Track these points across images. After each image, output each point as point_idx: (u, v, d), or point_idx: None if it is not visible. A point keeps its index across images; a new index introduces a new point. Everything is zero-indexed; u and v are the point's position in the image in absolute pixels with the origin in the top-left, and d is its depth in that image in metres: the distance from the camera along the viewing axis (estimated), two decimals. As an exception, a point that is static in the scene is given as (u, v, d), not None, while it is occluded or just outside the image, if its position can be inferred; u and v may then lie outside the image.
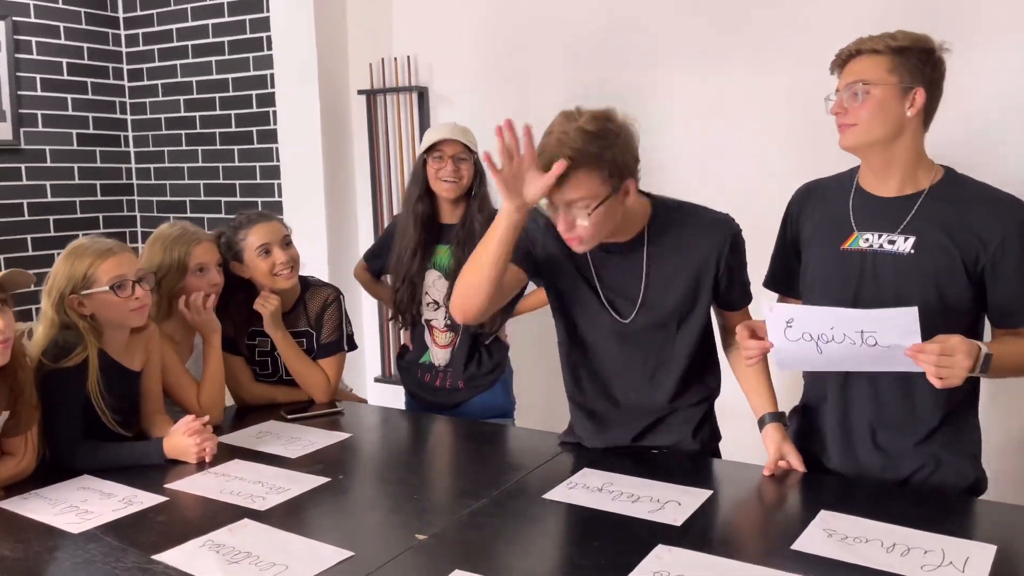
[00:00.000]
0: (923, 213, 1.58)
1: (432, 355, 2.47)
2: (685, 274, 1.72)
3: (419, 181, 2.39)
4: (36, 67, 3.89)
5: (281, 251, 2.23)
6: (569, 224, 1.58)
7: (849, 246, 1.64)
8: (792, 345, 1.51)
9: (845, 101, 1.58)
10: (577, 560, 1.36)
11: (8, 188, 3.81)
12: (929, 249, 1.57)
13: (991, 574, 1.26)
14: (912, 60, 1.55)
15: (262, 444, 1.97)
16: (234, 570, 1.33)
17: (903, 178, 1.61)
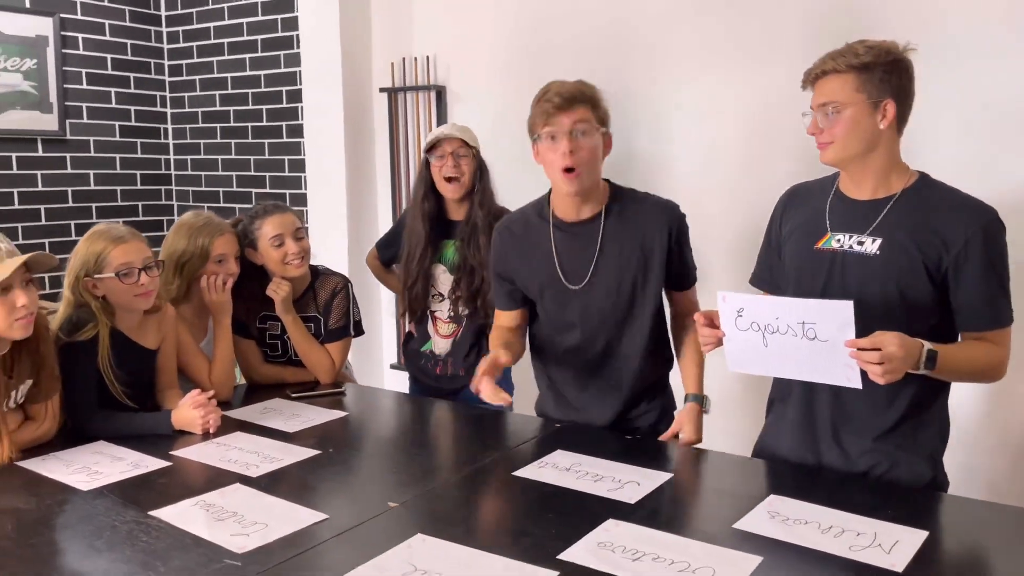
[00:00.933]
0: (892, 216, 1.65)
1: (434, 344, 2.60)
2: (636, 251, 1.92)
3: (424, 181, 2.52)
4: (82, 62, 4.11)
5: (293, 242, 2.37)
6: (575, 146, 1.84)
7: (822, 245, 1.72)
8: (742, 336, 1.61)
9: (820, 121, 1.66)
10: (531, 529, 1.47)
11: (54, 176, 4.04)
12: (893, 250, 1.63)
13: (915, 557, 1.33)
14: (877, 74, 1.61)
15: (265, 419, 2.11)
16: (218, 527, 1.47)
17: (877, 183, 1.68)
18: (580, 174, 1.85)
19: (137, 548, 1.41)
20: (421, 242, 2.52)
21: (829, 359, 1.54)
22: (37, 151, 3.98)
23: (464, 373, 2.55)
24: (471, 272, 2.47)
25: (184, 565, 1.33)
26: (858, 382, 1.54)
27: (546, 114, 1.85)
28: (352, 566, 1.32)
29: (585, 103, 1.86)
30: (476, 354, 2.55)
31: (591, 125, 1.86)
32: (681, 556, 1.35)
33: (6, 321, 1.74)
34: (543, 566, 1.31)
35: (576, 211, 1.96)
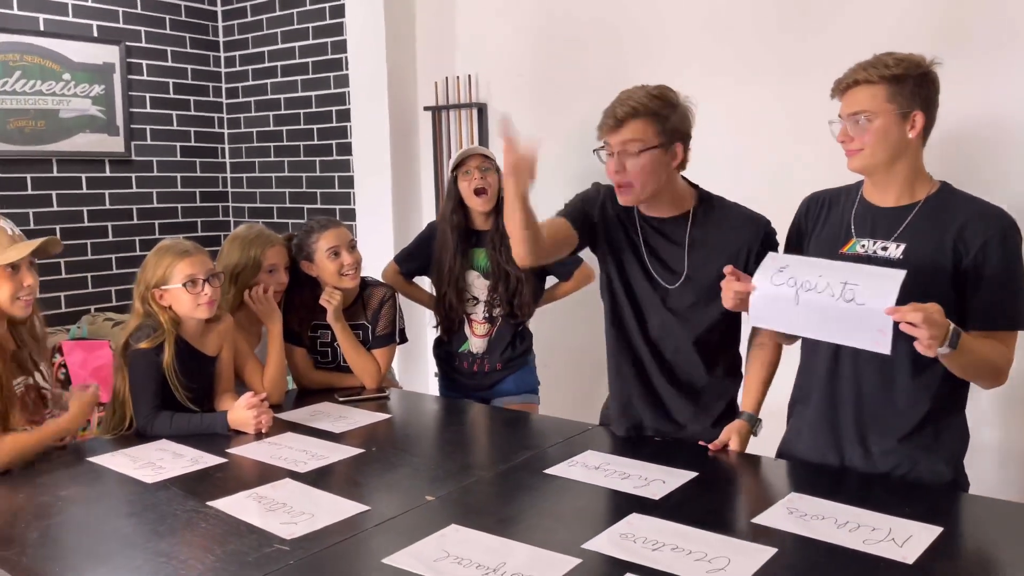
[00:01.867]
0: (915, 223, 1.71)
1: (471, 344, 2.74)
2: (722, 257, 1.88)
3: (453, 196, 2.68)
4: (146, 87, 4.35)
5: (348, 254, 2.51)
6: (619, 166, 1.85)
7: (847, 251, 1.76)
8: (773, 290, 1.63)
9: (850, 130, 1.70)
10: (557, 522, 1.56)
11: (121, 195, 4.28)
12: (917, 256, 1.67)
13: (927, 551, 1.39)
14: (908, 86, 1.67)
15: (314, 421, 2.24)
16: (269, 516, 1.60)
17: (901, 191, 1.74)
18: (631, 190, 1.89)
19: (196, 533, 1.54)
20: (451, 252, 2.68)
21: (861, 322, 1.53)
22: (105, 172, 4.22)
23: (500, 367, 2.71)
24: (507, 275, 2.63)
25: (238, 549, 1.46)
26: (887, 348, 1.52)
27: (600, 130, 1.90)
28: (390, 552, 1.42)
29: (641, 118, 1.84)
30: (512, 349, 2.72)
31: (643, 144, 1.84)
32: (699, 547, 1.42)
33: (10, 298, 1.93)
34: (567, 554, 1.40)
35: (657, 211, 1.98)
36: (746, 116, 2.95)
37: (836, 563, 1.37)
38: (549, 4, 3.37)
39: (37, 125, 3.95)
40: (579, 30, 3.30)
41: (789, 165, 2.85)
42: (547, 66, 3.40)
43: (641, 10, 3.14)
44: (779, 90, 2.87)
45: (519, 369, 2.74)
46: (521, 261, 1.93)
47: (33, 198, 3.96)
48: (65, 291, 4.09)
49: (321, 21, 4.18)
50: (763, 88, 2.91)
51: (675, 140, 1.88)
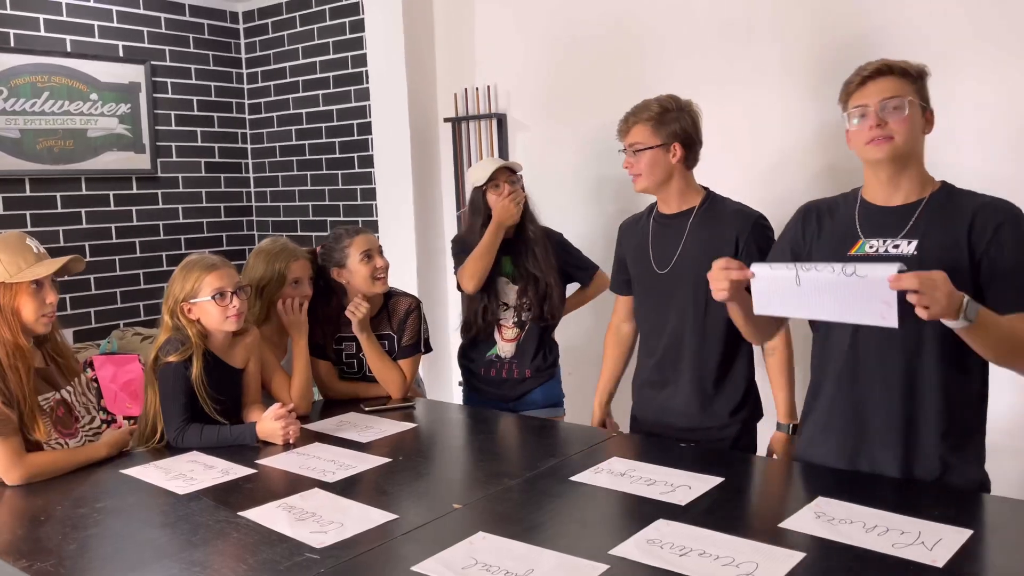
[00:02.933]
0: (926, 217, 1.71)
1: (499, 348, 2.74)
2: (717, 245, 2.07)
3: (481, 211, 2.69)
4: (171, 104, 4.43)
5: (379, 258, 2.55)
6: (629, 164, 2.20)
7: (856, 252, 1.75)
8: (772, 274, 1.60)
9: (880, 115, 1.68)
10: (584, 528, 1.57)
11: (147, 211, 4.35)
12: (932, 249, 1.67)
13: (957, 554, 1.38)
14: (925, 85, 1.72)
15: (341, 431, 2.27)
16: (299, 525, 1.62)
17: (911, 188, 1.74)
18: (640, 180, 2.20)
19: (229, 543, 1.57)
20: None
21: (866, 296, 1.49)
22: (132, 189, 4.30)
23: (530, 375, 2.72)
24: (535, 279, 2.67)
25: (270, 558, 1.48)
26: (894, 321, 1.47)
27: (618, 133, 2.23)
28: (419, 560, 1.44)
29: (642, 122, 2.17)
30: (542, 356, 2.73)
31: (643, 144, 2.16)
32: (726, 552, 1.42)
33: (35, 315, 1.98)
34: (594, 560, 1.41)
35: (672, 205, 2.24)
36: (764, 121, 2.95)
37: (865, 567, 1.36)
38: (567, 14, 3.40)
39: (66, 144, 4.03)
40: (597, 40, 3.32)
41: (813, 169, 2.85)
42: (565, 76, 3.42)
43: (658, 19, 3.15)
44: (797, 94, 2.87)
45: (547, 380, 2.75)
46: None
47: (63, 216, 4.04)
48: (95, 307, 4.16)
49: (341, 36, 4.24)
50: (781, 94, 2.91)
51: (674, 140, 2.16)
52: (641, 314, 2.30)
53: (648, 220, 2.29)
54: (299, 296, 2.49)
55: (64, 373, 2.14)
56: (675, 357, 2.19)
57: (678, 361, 2.18)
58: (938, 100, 1.77)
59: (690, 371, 2.17)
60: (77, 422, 2.12)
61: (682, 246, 2.18)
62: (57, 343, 2.14)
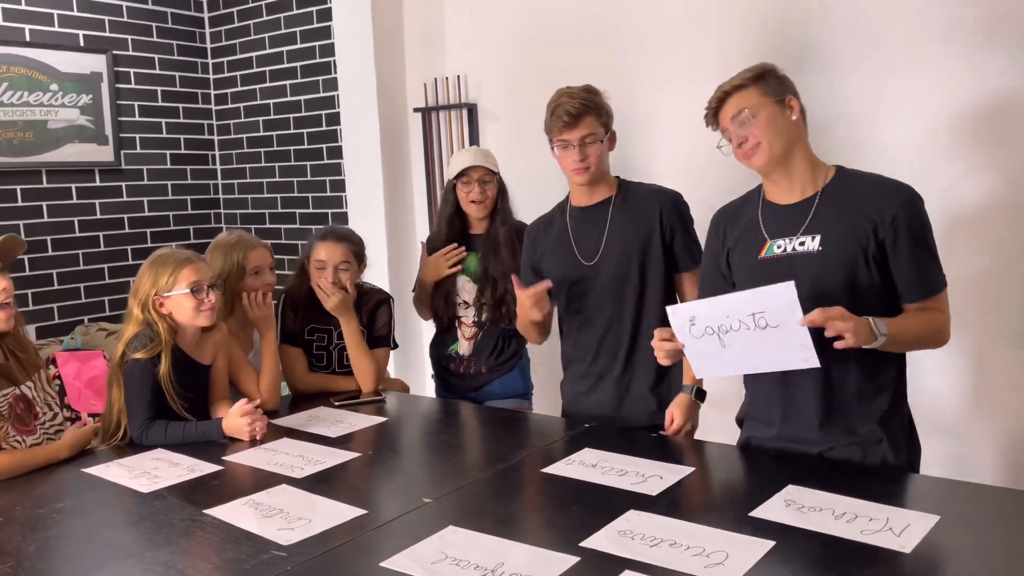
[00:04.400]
0: (822, 211, 1.75)
1: (459, 346, 2.74)
2: (639, 229, 2.16)
3: (450, 203, 2.69)
4: (134, 95, 4.34)
5: (332, 272, 2.50)
6: (583, 156, 2.12)
7: (765, 254, 1.80)
8: (699, 343, 1.71)
9: (742, 131, 1.75)
10: (555, 520, 1.56)
11: (111, 205, 4.27)
12: (834, 242, 1.72)
13: (924, 539, 1.39)
14: (770, 80, 1.78)
15: (310, 426, 2.24)
16: (266, 523, 1.59)
17: (803, 183, 1.78)
18: (589, 171, 2.15)
19: (194, 541, 1.53)
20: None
21: (784, 344, 1.62)
22: (95, 181, 4.21)
23: (485, 371, 2.71)
24: (494, 282, 2.63)
25: (236, 556, 1.45)
26: (815, 361, 1.61)
27: (558, 129, 2.13)
28: (388, 555, 1.42)
29: (590, 114, 2.12)
30: (497, 353, 2.71)
31: (596, 135, 2.13)
32: (697, 542, 1.42)
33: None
34: (565, 552, 1.40)
35: (588, 197, 2.23)
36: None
37: (834, 554, 1.37)
38: (537, 3, 3.37)
39: (25, 136, 3.93)
40: (568, 29, 3.30)
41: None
42: (536, 65, 3.40)
43: (630, 9, 3.14)
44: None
45: (505, 374, 2.73)
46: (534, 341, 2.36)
47: (23, 209, 3.95)
48: (58, 302, 4.08)
49: (308, 25, 4.17)
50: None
51: (610, 127, 2.18)
52: (570, 308, 2.26)
53: (562, 217, 2.27)
54: (261, 286, 2.45)
55: (25, 368, 2.09)
56: (613, 348, 2.19)
57: (616, 351, 2.19)
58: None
59: (626, 360, 2.18)
60: (36, 419, 2.07)
61: (607, 235, 2.18)
62: (18, 337, 2.09)
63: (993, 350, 2.53)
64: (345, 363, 2.60)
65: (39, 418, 2.07)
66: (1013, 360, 2.50)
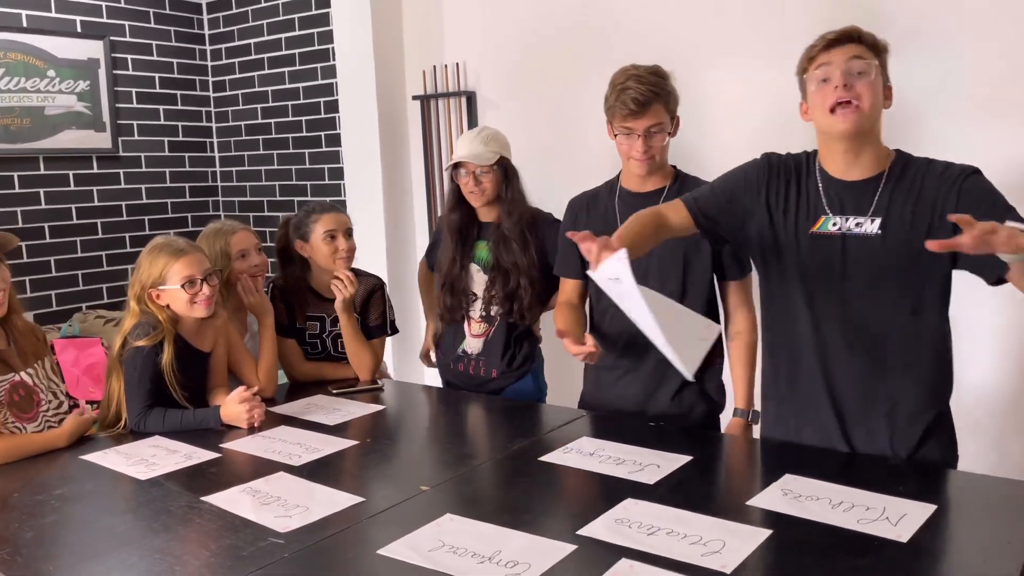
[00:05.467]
0: (886, 194, 1.67)
1: (466, 344, 2.61)
2: None
3: (452, 192, 2.56)
4: (131, 82, 4.32)
5: (344, 240, 2.50)
6: (647, 147, 2.01)
7: (818, 229, 1.72)
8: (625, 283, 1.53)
9: (850, 78, 1.60)
10: (553, 509, 1.56)
11: (109, 192, 4.26)
12: (895, 228, 1.65)
13: (921, 529, 1.39)
14: (885, 59, 1.68)
15: (307, 414, 2.24)
16: (264, 510, 1.59)
17: (869, 161, 1.69)
18: (653, 160, 2.05)
19: (191, 528, 1.54)
20: (450, 252, 2.55)
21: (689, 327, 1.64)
22: (92, 168, 4.19)
23: (496, 376, 2.53)
24: (505, 273, 2.48)
25: (233, 543, 1.46)
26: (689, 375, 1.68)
27: (623, 115, 2.00)
28: (385, 543, 1.42)
29: (659, 102, 1.99)
30: (511, 357, 2.53)
31: (663, 126, 2.02)
32: (694, 531, 1.42)
33: None
34: (562, 540, 1.40)
35: (641, 184, 2.11)
36: (735, 100, 2.94)
37: (831, 543, 1.37)
38: (536, -11, 3.35)
39: (23, 123, 3.92)
40: (567, 16, 3.28)
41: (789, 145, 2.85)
42: (535, 53, 3.38)
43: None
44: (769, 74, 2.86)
45: (516, 380, 2.55)
46: None
47: (21, 196, 3.94)
48: (56, 289, 4.07)
49: (307, 11, 4.15)
50: (754, 72, 2.89)
51: (675, 115, 2.06)
52: (605, 296, 2.16)
53: (611, 198, 2.15)
54: (249, 269, 2.45)
55: (26, 355, 2.08)
56: (646, 342, 2.10)
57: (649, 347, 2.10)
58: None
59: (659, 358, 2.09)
60: (39, 406, 2.07)
61: None
62: (18, 324, 2.08)
63: None
64: (340, 350, 2.59)
65: (41, 405, 2.07)
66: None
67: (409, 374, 3.68)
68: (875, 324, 1.70)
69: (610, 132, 2.09)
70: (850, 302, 1.71)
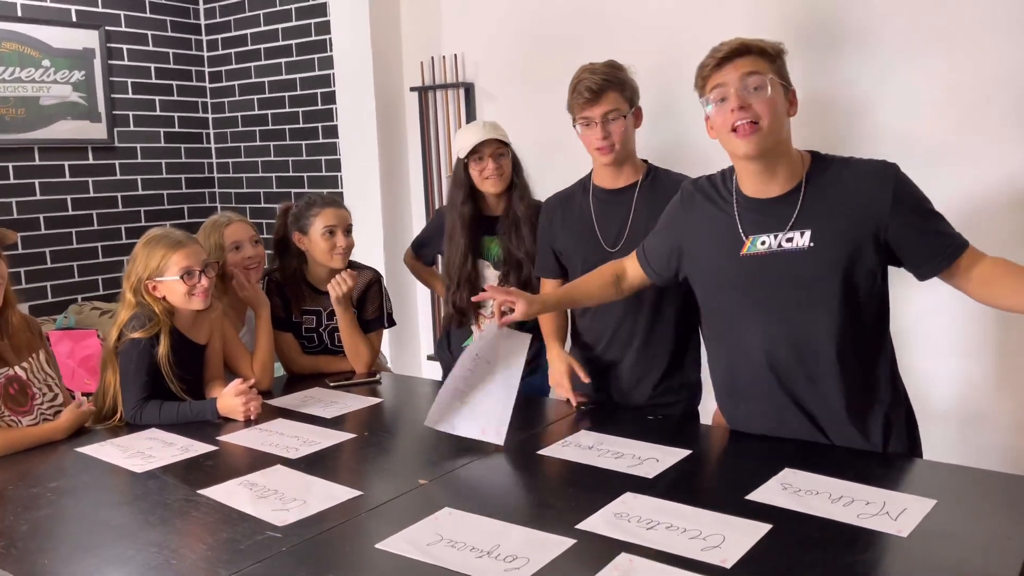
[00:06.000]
0: (809, 204, 1.63)
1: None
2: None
3: (463, 184, 2.48)
4: (127, 72, 4.29)
5: (343, 236, 2.48)
6: (605, 133, 2.02)
7: (747, 251, 1.69)
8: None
9: (746, 96, 1.57)
10: (551, 503, 1.55)
11: (104, 183, 4.23)
12: (827, 237, 1.61)
13: (921, 524, 1.38)
14: (783, 64, 1.65)
15: (305, 407, 2.23)
16: (261, 503, 1.58)
17: (786, 175, 1.65)
18: (613, 149, 2.05)
19: (188, 521, 1.53)
20: (461, 248, 2.50)
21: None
22: (88, 159, 4.17)
23: None
24: (518, 264, 2.47)
25: (230, 537, 1.45)
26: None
27: (580, 106, 2.04)
28: (383, 537, 1.41)
29: (613, 89, 2.02)
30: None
31: (618, 111, 2.03)
32: (693, 525, 1.42)
33: None
34: (561, 535, 1.39)
35: (613, 180, 2.14)
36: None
37: (831, 538, 1.36)
38: (534, -20, 3.33)
39: (17, 113, 3.89)
40: (568, 4, 3.26)
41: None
42: (534, 44, 3.36)
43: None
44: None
45: (530, 375, 2.44)
46: None
47: (16, 187, 3.92)
48: (51, 280, 4.06)
49: (304, 2, 4.13)
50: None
51: (635, 103, 2.09)
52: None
53: (585, 197, 2.17)
54: (243, 261, 2.44)
55: (20, 349, 2.07)
56: (627, 338, 2.13)
57: (630, 341, 2.13)
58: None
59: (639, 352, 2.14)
60: (33, 399, 2.05)
61: (631, 221, 2.09)
62: (12, 318, 2.07)
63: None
64: (337, 343, 2.58)
65: (35, 399, 2.06)
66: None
67: (407, 367, 3.67)
68: (817, 334, 1.68)
69: (576, 133, 2.10)
70: (790, 316, 1.69)
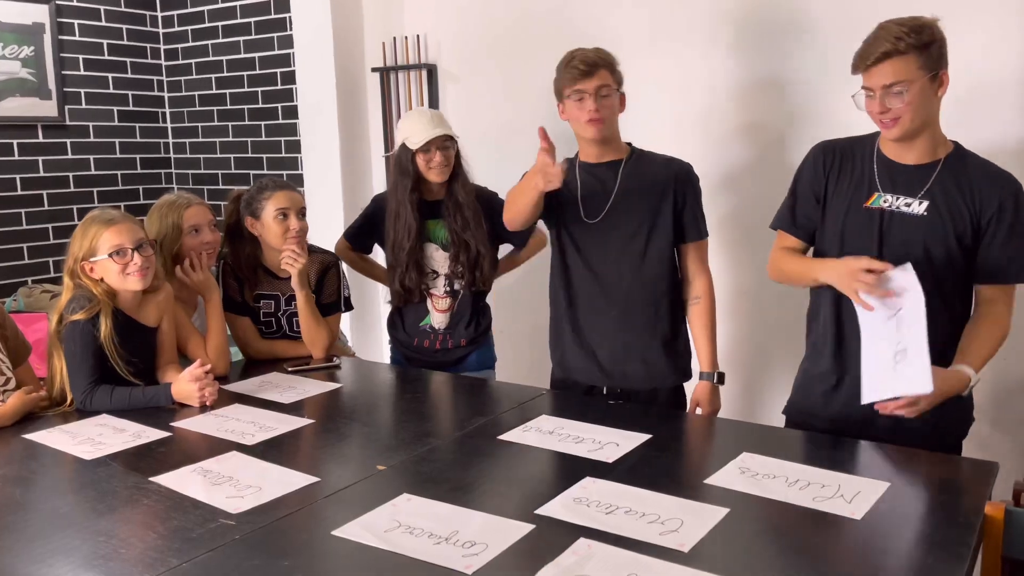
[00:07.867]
0: (938, 181, 1.79)
1: (432, 319, 2.59)
2: (648, 195, 2.16)
3: (411, 174, 2.47)
4: (79, 48, 4.16)
5: (296, 219, 2.44)
6: (596, 108, 2.10)
7: (871, 204, 1.84)
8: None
9: (886, 101, 1.73)
10: (510, 488, 1.54)
11: (55, 162, 4.10)
12: (939, 213, 1.78)
13: (874, 506, 1.40)
14: (935, 50, 1.73)
15: (262, 392, 2.19)
16: (215, 490, 1.55)
17: (925, 150, 1.81)
18: (603, 123, 2.12)
19: (138, 510, 1.49)
20: (410, 231, 2.50)
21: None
22: (37, 137, 4.04)
23: (465, 344, 2.58)
24: (466, 244, 2.50)
25: (182, 525, 1.41)
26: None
27: (573, 79, 2.10)
28: (340, 523, 1.39)
29: (605, 67, 2.11)
30: (475, 325, 2.58)
31: (611, 88, 2.12)
32: (652, 509, 1.42)
33: None
34: (520, 520, 1.38)
35: (597, 155, 2.20)
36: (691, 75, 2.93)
37: (787, 521, 1.38)
38: (498, -39, 3.29)
39: (-38, 89, 3.75)
40: (529, -12, 3.23)
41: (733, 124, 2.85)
42: (497, 26, 3.33)
43: (592, -32, 3.08)
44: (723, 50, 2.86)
45: (482, 345, 2.63)
46: (512, 226, 2.24)
47: (-39, 166, 3.78)
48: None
49: (263, -21, 4.03)
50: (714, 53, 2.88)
51: (620, 87, 2.15)
52: (563, 259, 2.24)
53: (572, 172, 2.20)
54: (199, 246, 2.38)
55: None
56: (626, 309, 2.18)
57: (630, 314, 2.18)
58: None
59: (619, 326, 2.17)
60: None
61: (614, 196, 2.16)
62: None
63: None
64: (295, 328, 2.54)
65: None
66: None
67: (370, 352, 3.63)
68: None
69: (561, 111, 2.17)
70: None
